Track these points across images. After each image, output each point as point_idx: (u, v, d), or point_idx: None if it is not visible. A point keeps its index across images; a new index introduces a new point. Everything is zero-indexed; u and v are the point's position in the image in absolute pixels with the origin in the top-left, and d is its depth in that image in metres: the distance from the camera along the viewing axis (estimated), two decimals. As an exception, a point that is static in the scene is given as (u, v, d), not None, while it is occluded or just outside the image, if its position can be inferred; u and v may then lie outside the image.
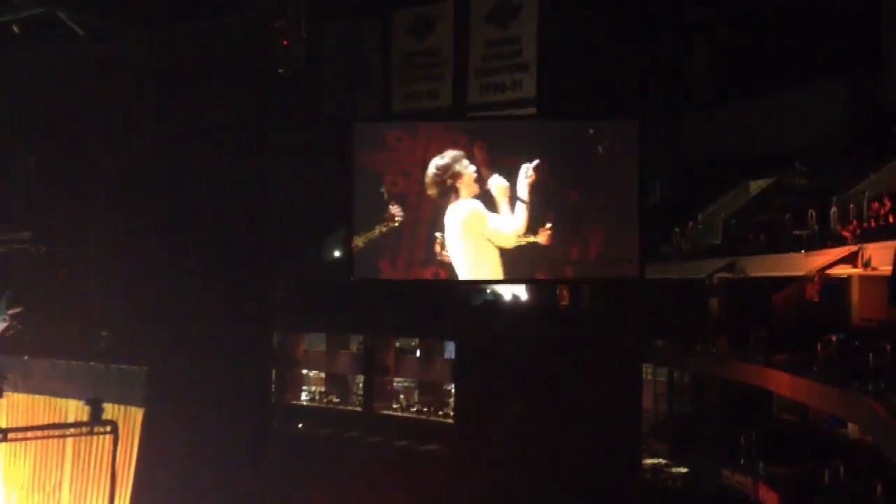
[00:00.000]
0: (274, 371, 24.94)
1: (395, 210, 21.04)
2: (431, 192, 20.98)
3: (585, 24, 22.49)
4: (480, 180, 20.78)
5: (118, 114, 19.97)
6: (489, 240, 20.77)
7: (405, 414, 25.14)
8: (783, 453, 16.58)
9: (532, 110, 22.54)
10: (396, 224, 21.10)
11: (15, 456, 19.24)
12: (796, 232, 17.19)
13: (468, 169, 20.77)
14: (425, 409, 24.79)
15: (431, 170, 20.88)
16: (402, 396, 25.81)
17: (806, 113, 20.40)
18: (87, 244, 19.74)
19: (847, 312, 17.32)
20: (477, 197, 20.84)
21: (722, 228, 20.23)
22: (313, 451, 23.66)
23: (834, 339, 15.62)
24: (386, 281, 21.92)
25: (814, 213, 16.95)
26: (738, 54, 22.14)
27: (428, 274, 21.36)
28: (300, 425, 25.42)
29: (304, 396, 27.16)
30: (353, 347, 26.84)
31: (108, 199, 19.83)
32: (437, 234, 20.96)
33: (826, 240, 16.32)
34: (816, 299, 15.82)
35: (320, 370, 27.55)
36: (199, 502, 17.88)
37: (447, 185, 20.87)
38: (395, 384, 25.97)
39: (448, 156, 20.90)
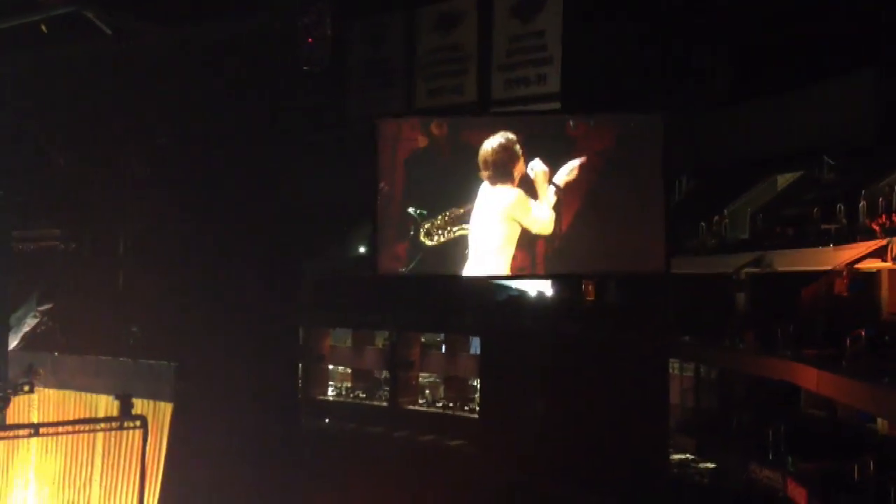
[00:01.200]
0: (300, 366, 25.10)
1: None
2: (487, 172, 20.84)
3: (610, 18, 22.42)
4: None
5: (145, 112, 20.10)
6: (525, 227, 20.66)
7: (431, 409, 25.24)
8: (811, 449, 16.50)
9: (556, 105, 22.50)
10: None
11: (46, 451, 19.41)
12: (824, 226, 17.11)
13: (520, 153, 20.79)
14: (451, 405, 24.87)
15: (493, 148, 20.72)
16: (427, 392, 25.90)
17: (833, 107, 20.25)
18: (115, 241, 19.88)
19: (876, 307, 17.19)
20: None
21: (749, 223, 20.14)
22: (339, 446, 23.80)
23: (863, 333, 15.53)
24: (410, 276, 21.97)
25: (842, 207, 16.85)
26: (765, 48, 21.99)
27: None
28: (326, 420, 25.59)
29: (330, 392, 27.33)
30: (379, 343, 26.96)
31: (136, 197, 19.96)
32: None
33: (854, 234, 16.22)
34: (845, 294, 15.76)
35: (346, 366, 27.70)
36: (227, 496, 17.98)
37: (506, 168, 20.76)
38: (420, 379, 26.07)
39: (505, 137, 20.79)
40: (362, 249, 25.98)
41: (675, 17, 22.66)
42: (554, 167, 20.67)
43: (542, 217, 20.58)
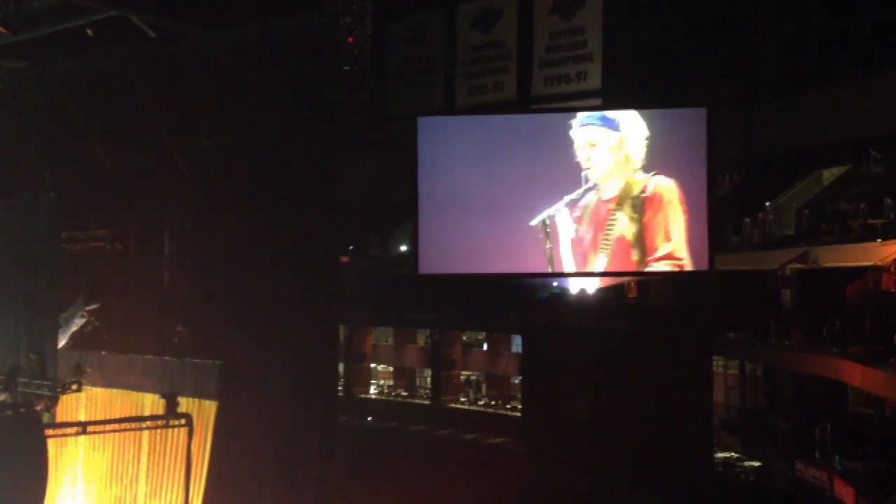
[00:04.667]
0: (342, 365, 25.23)
1: None
2: None
3: (652, 14, 22.22)
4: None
5: (190, 113, 20.33)
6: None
7: (473, 407, 25.25)
8: (859, 447, 16.23)
9: (598, 101, 22.36)
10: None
11: (94, 449, 19.76)
12: (871, 221, 16.80)
13: None
14: (493, 403, 24.85)
15: None
16: (469, 390, 25.91)
17: (880, 100, 19.88)
18: (161, 241, 20.15)
19: (924, 303, 16.87)
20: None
21: (794, 218, 19.83)
22: (382, 444, 23.91)
23: (911, 329, 15.25)
24: (452, 274, 21.98)
25: (890, 202, 16.55)
26: (811, 40, 21.66)
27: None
28: (369, 419, 25.71)
29: (372, 390, 27.44)
30: (421, 341, 27.02)
31: (181, 197, 20.20)
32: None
33: (902, 228, 15.94)
34: (893, 290, 15.46)
35: (388, 364, 27.80)
36: (270, 494, 18.16)
37: None
38: (462, 378, 26.08)
39: None
40: (404, 248, 26.05)
41: (719, 9, 22.40)
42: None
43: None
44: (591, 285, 21.88)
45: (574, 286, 22.03)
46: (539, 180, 20.72)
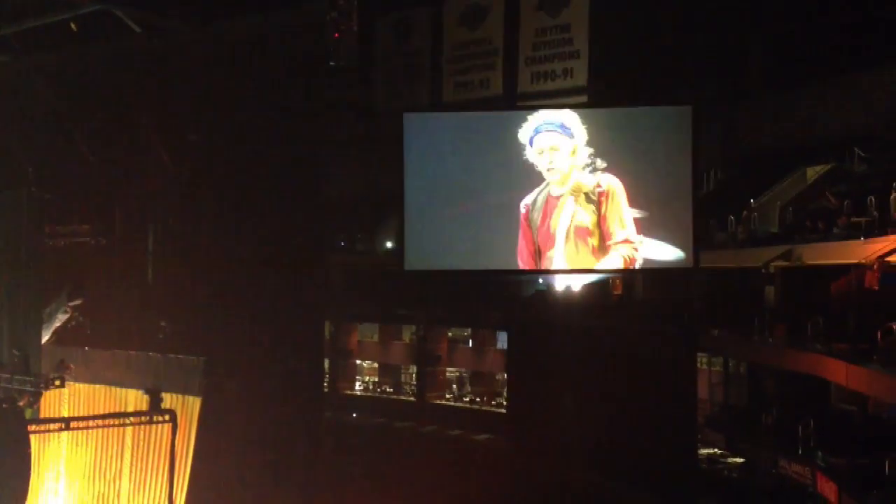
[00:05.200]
0: (328, 361, 25.18)
1: None
2: None
3: (637, 11, 22.27)
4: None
5: (174, 108, 20.21)
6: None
7: (458, 403, 25.28)
8: (842, 444, 16.32)
9: (584, 99, 22.40)
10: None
11: (77, 445, 19.63)
12: (855, 219, 16.87)
13: None
14: (478, 399, 24.88)
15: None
16: (454, 386, 25.93)
17: (864, 99, 20.01)
18: (145, 236, 20.02)
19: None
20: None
21: (778, 216, 19.93)
22: (367, 440, 23.89)
23: (894, 327, 15.31)
24: (438, 271, 21.99)
25: (873, 200, 16.62)
26: (795, 41, 21.76)
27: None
28: (354, 415, 25.69)
29: (357, 386, 27.43)
30: (406, 338, 27.02)
31: (165, 192, 20.08)
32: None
33: (886, 226, 15.99)
34: (876, 287, 15.53)
35: (373, 360, 27.79)
36: (254, 490, 18.09)
37: None
38: (447, 374, 26.11)
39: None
40: (389, 244, 26.03)
41: (705, 8, 22.46)
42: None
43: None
44: (577, 282, 21.93)
45: (560, 283, 22.09)
46: (522, 175, 20.93)
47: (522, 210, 19.28)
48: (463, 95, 24.22)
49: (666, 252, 19.70)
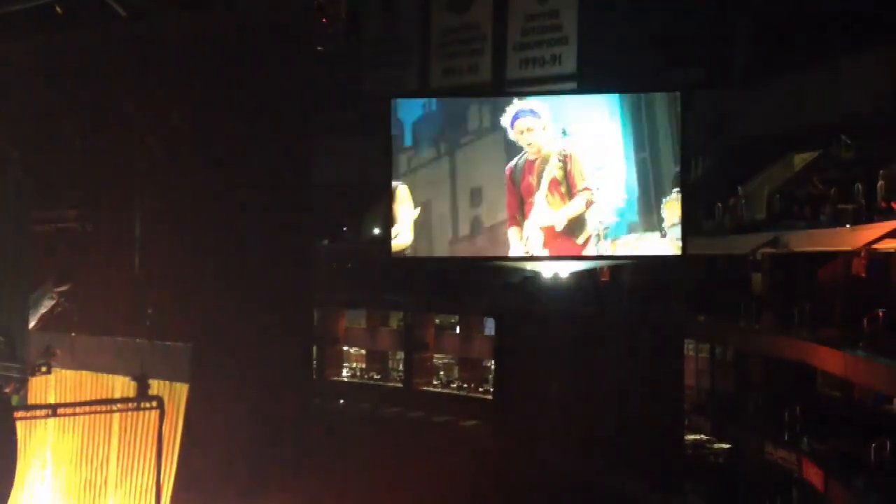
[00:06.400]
0: (315, 348, 25.15)
1: None
2: None
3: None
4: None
5: (160, 93, 20.08)
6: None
7: (445, 390, 25.32)
8: (827, 429, 16.45)
9: (572, 85, 22.40)
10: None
11: (63, 431, 19.55)
12: (842, 206, 16.93)
13: None
14: (465, 386, 24.92)
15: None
16: (442, 373, 25.96)
17: (851, 85, 20.03)
18: (132, 222, 19.90)
19: (894, 287, 17.04)
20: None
21: (766, 203, 19.98)
22: (354, 427, 23.90)
23: (880, 314, 15.41)
24: (425, 258, 22.00)
25: (860, 187, 16.68)
26: (783, 26, 21.76)
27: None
28: (341, 401, 25.69)
29: (344, 373, 27.43)
30: (394, 324, 27.01)
31: (152, 178, 19.96)
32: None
33: (872, 214, 16.06)
34: (863, 274, 15.62)
35: (361, 347, 27.78)
36: (243, 476, 18.08)
37: None
38: (435, 361, 26.13)
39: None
40: (376, 230, 25.99)
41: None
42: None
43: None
44: (564, 269, 21.96)
45: (547, 269, 22.11)
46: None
47: (507, 172, 21.32)
48: (451, 81, 24.17)
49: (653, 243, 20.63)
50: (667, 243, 20.59)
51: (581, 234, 20.97)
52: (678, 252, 20.42)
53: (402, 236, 21.76)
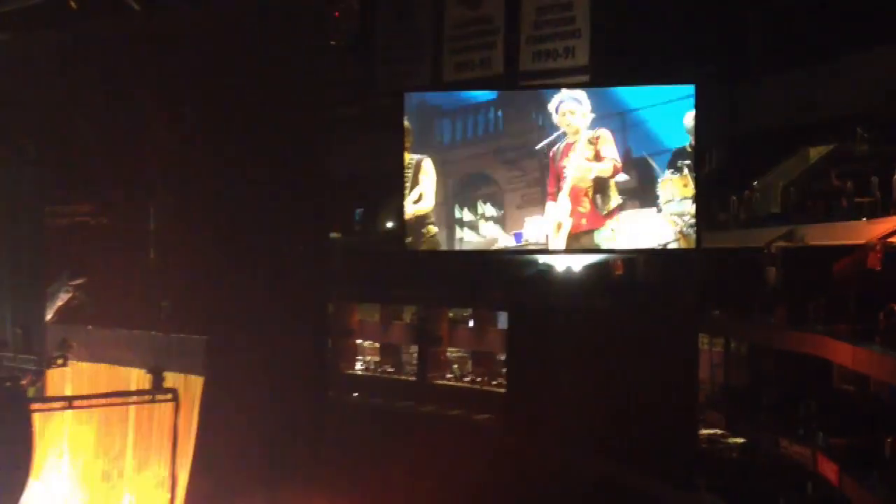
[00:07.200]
0: (329, 341, 25.20)
1: None
2: None
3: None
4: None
5: (175, 85, 20.15)
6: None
7: (459, 384, 25.31)
8: (843, 424, 16.38)
9: (585, 78, 22.33)
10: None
11: (80, 423, 19.72)
12: (858, 199, 16.86)
13: None
14: (478, 379, 24.91)
15: None
16: (455, 366, 25.96)
17: (867, 77, 19.87)
18: (146, 216, 20.01)
19: (910, 281, 16.99)
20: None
21: (780, 196, 19.89)
22: (368, 420, 23.94)
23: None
24: (438, 251, 22.02)
25: (877, 180, 16.61)
26: (798, 18, 21.63)
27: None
28: (355, 395, 25.73)
29: (358, 366, 27.46)
30: (407, 318, 27.02)
31: (167, 171, 20.05)
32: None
33: (889, 207, 15.98)
34: (878, 268, 15.53)
35: (374, 340, 27.80)
36: (258, 468, 18.18)
37: None
38: (448, 354, 26.12)
39: None
40: (390, 224, 25.98)
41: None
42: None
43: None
44: (578, 263, 21.94)
45: (561, 263, 22.08)
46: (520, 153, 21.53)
47: (550, 154, 21.72)
48: (463, 74, 24.12)
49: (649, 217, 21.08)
50: (662, 219, 20.50)
51: (605, 202, 20.93)
52: (677, 236, 20.34)
53: (426, 201, 21.72)
